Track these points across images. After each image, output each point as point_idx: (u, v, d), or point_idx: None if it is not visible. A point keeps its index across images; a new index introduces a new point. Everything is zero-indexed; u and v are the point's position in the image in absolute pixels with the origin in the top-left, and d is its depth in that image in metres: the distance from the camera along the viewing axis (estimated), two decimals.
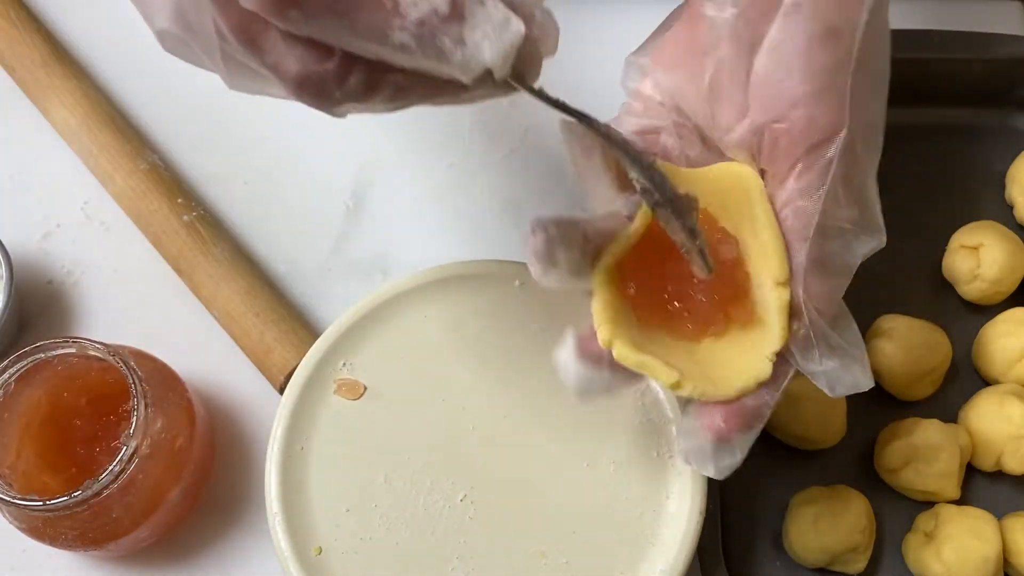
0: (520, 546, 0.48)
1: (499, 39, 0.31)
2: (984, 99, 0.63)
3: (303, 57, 0.31)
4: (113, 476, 0.48)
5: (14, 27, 0.63)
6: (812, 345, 0.40)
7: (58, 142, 0.62)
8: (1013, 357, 0.55)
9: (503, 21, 0.31)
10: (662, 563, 0.47)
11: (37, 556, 0.54)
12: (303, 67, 0.31)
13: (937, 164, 0.62)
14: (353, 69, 0.32)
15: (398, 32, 0.30)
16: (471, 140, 0.64)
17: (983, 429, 0.54)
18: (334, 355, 0.51)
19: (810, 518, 0.52)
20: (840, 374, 0.40)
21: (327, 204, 0.62)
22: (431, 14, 0.30)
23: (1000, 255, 0.56)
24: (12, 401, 0.50)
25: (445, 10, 0.30)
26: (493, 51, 0.31)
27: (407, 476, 0.49)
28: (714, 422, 0.40)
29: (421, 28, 0.30)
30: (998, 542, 0.51)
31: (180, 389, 0.53)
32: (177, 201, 0.59)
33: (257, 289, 0.57)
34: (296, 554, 0.47)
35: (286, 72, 0.32)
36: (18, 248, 0.59)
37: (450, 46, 0.31)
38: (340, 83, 0.32)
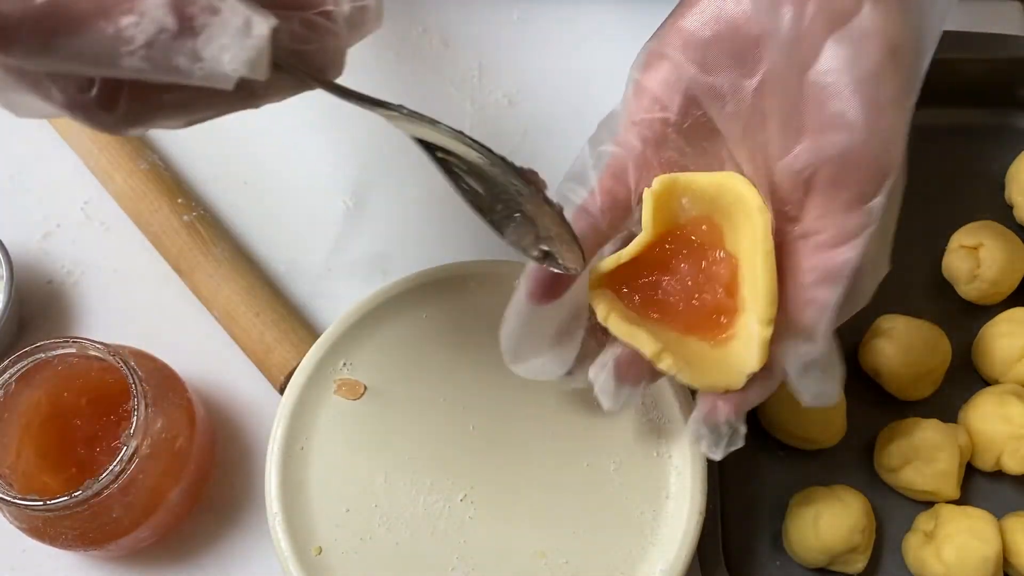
0: (520, 546, 0.48)
1: (241, 47, 0.29)
2: (984, 99, 0.63)
3: (64, 88, 0.30)
4: (113, 476, 0.48)
5: None
6: (816, 370, 0.42)
7: (58, 142, 0.62)
8: (1013, 357, 0.55)
9: (242, 27, 0.29)
10: (662, 563, 0.47)
11: (37, 556, 0.54)
12: (67, 97, 0.30)
13: (937, 164, 0.62)
14: (120, 94, 0.30)
15: (127, 57, 0.28)
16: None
17: (983, 429, 0.54)
18: (334, 355, 0.51)
19: (810, 518, 0.52)
20: (826, 393, 0.43)
21: (327, 204, 0.62)
22: (158, 33, 0.28)
23: (1000, 255, 0.56)
24: (12, 401, 0.50)
25: (173, 27, 0.28)
26: (236, 61, 0.29)
27: (407, 476, 0.49)
28: (722, 413, 0.43)
29: (151, 50, 0.28)
30: (998, 542, 0.51)
31: (180, 389, 0.53)
32: (177, 201, 0.59)
33: (257, 289, 0.57)
34: (296, 554, 0.47)
35: (55, 101, 0.30)
36: (18, 248, 0.59)
37: (187, 64, 0.29)
38: (109, 109, 0.30)
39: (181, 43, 0.28)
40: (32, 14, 0.27)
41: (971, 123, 0.63)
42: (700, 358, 0.42)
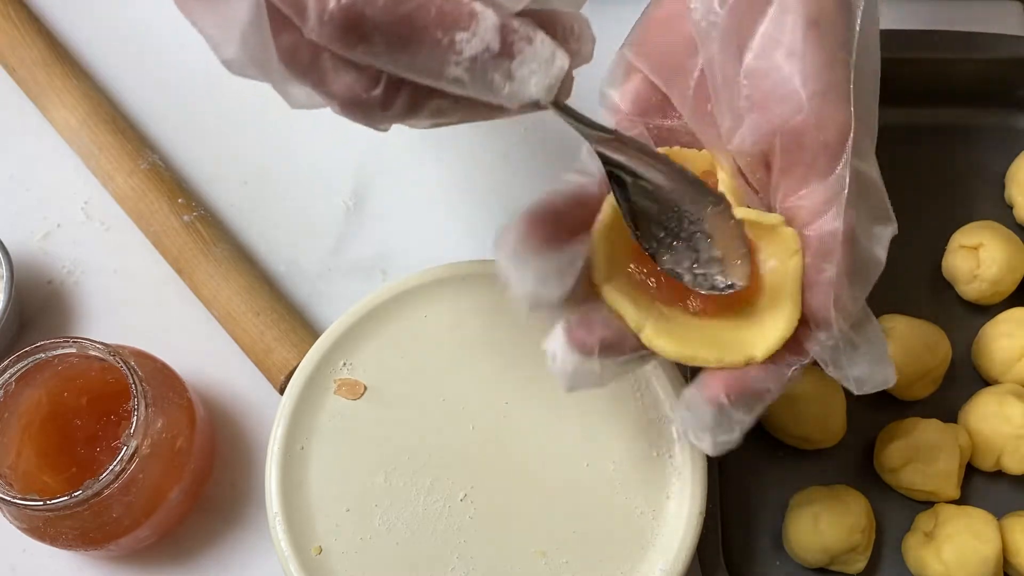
0: (520, 546, 0.48)
1: (546, 74, 0.34)
2: (984, 99, 0.63)
3: (352, 84, 0.34)
4: (113, 476, 0.48)
5: (14, 27, 0.63)
6: (840, 354, 0.40)
7: (58, 142, 0.62)
8: (1013, 357, 0.55)
9: (549, 57, 0.34)
10: (662, 563, 0.47)
11: (37, 556, 0.54)
12: (351, 93, 0.34)
13: (937, 164, 0.62)
14: (399, 94, 0.34)
15: (453, 67, 0.33)
16: (471, 140, 0.64)
17: (983, 429, 0.54)
18: (334, 355, 0.51)
19: (810, 518, 0.52)
20: (868, 375, 0.40)
21: (327, 204, 0.62)
22: (483, 51, 0.33)
23: (1000, 255, 0.56)
24: (12, 401, 0.50)
25: (496, 48, 0.33)
26: (539, 86, 0.34)
27: (407, 476, 0.49)
28: (715, 393, 0.39)
29: (474, 64, 0.33)
30: (998, 542, 0.51)
31: (180, 389, 0.53)
32: (177, 201, 0.59)
33: (257, 289, 0.57)
34: (296, 554, 0.47)
35: (335, 95, 0.34)
36: (18, 248, 0.59)
37: (499, 81, 0.33)
38: (385, 107, 0.34)
39: (499, 62, 0.33)
40: (389, 19, 0.32)
41: (971, 123, 0.63)
42: (706, 338, 0.40)
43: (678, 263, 0.40)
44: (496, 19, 0.33)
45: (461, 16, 0.32)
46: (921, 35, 0.61)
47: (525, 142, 0.64)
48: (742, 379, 0.39)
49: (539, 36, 0.34)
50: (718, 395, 0.39)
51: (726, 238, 0.40)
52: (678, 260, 0.40)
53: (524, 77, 0.34)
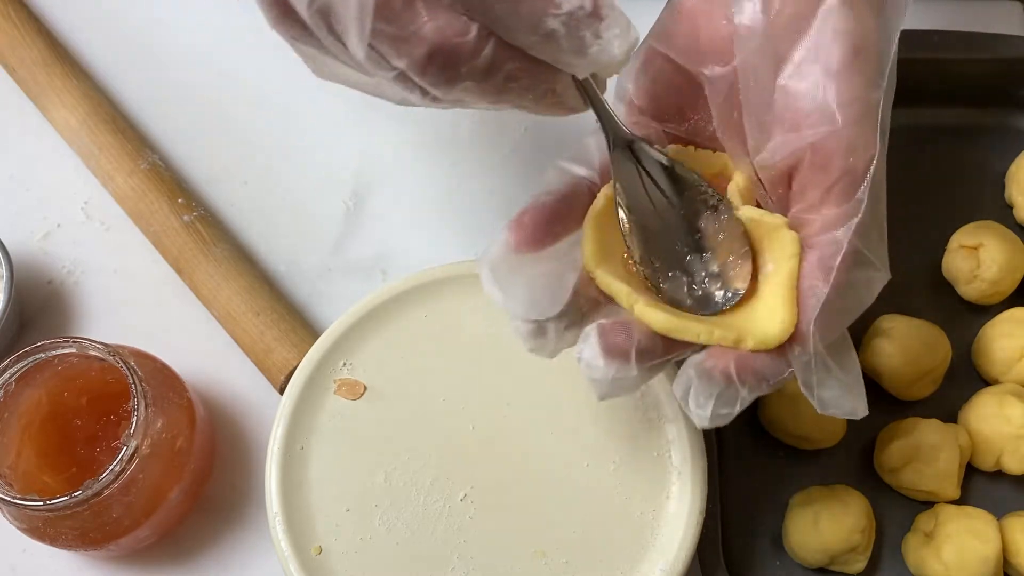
0: (520, 546, 0.48)
1: (626, 38, 0.37)
2: (984, 99, 0.62)
3: (445, 27, 0.35)
4: (113, 476, 0.48)
5: (14, 27, 0.63)
6: (811, 372, 0.39)
7: (58, 142, 0.62)
8: (1013, 357, 0.55)
9: (628, 24, 0.37)
10: (662, 563, 0.47)
11: (37, 556, 0.54)
12: (442, 37, 0.35)
13: (937, 164, 0.62)
14: (486, 45, 0.36)
15: (551, 19, 0.35)
16: (471, 140, 0.64)
17: (983, 429, 0.54)
18: (334, 355, 0.51)
19: (810, 518, 0.52)
20: (837, 401, 0.40)
21: (327, 204, 0.62)
22: (579, 8, 0.35)
23: (1000, 255, 0.56)
24: (12, 401, 0.50)
25: (589, 7, 0.36)
26: (622, 48, 0.37)
27: (407, 476, 0.49)
28: (725, 364, 0.39)
29: (570, 19, 0.35)
30: (998, 542, 0.51)
31: (180, 389, 0.53)
32: (177, 201, 0.59)
33: (257, 289, 0.57)
34: (296, 554, 0.47)
35: (424, 39, 0.35)
36: (18, 248, 0.59)
37: (589, 39, 0.36)
38: (472, 57, 0.36)
39: (591, 22, 0.36)
40: None
41: (971, 123, 0.63)
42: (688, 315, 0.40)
43: (677, 290, 0.41)
44: None
45: None
46: (921, 35, 0.60)
47: (525, 143, 0.64)
48: (750, 360, 0.39)
49: (618, 7, 0.36)
50: (728, 367, 0.39)
51: (726, 238, 0.40)
52: (675, 288, 0.41)
53: (610, 39, 0.36)
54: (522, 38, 0.36)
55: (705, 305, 0.40)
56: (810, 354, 0.39)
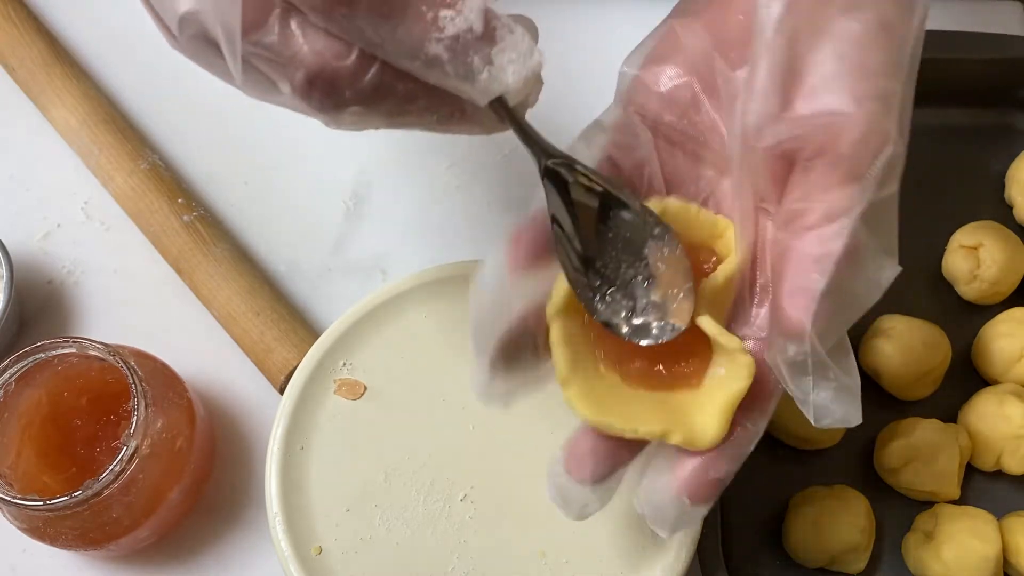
0: (520, 546, 0.48)
1: (523, 65, 0.33)
2: (984, 99, 0.63)
3: (323, 51, 0.32)
4: (113, 476, 0.48)
5: (14, 27, 0.63)
6: (807, 373, 0.37)
7: (58, 142, 0.62)
8: (1013, 357, 0.55)
9: (528, 50, 0.33)
10: (662, 563, 0.47)
11: (37, 556, 0.54)
12: (321, 61, 0.32)
13: (937, 164, 0.62)
14: (369, 69, 0.33)
15: (434, 44, 0.32)
16: (471, 140, 0.64)
17: (983, 429, 0.54)
18: (334, 355, 0.51)
19: (810, 518, 0.52)
20: (830, 406, 0.38)
21: (327, 204, 0.62)
22: (466, 31, 0.32)
23: (1000, 255, 0.56)
24: (12, 401, 0.50)
25: (479, 30, 0.32)
26: (516, 76, 0.33)
27: (407, 476, 0.49)
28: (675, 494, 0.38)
29: (455, 43, 0.32)
30: (998, 542, 0.51)
31: (180, 389, 0.53)
32: (177, 201, 0.59)
33: (257, 289, 0.57)
34: (296, 554, 0.47)
35: (302, 64, 0.32)
36: (18, 248, 0.59)
37: (478, 64, 0.33)
38: (354, 81, 0.33)
39: (480, 45, 0.32)
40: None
41: (971, 123, 0.63)
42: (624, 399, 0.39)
43: (614, 314, 0.37)
44: (481, 3, 0.32)
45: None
46: None
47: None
48: (700, 474, 0.38)
49: (519, 29, 0.33)
50: (680, 495, 0.38)
51: (668, 271, 0.38)
52: (614, 311, 0.37)
53: (503, 65, 0.33)
54: (404, 64, 0.33)
55: (642, 334, 0.37)
56: (806, 354, 0.36)
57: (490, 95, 0.33)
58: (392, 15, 0.31)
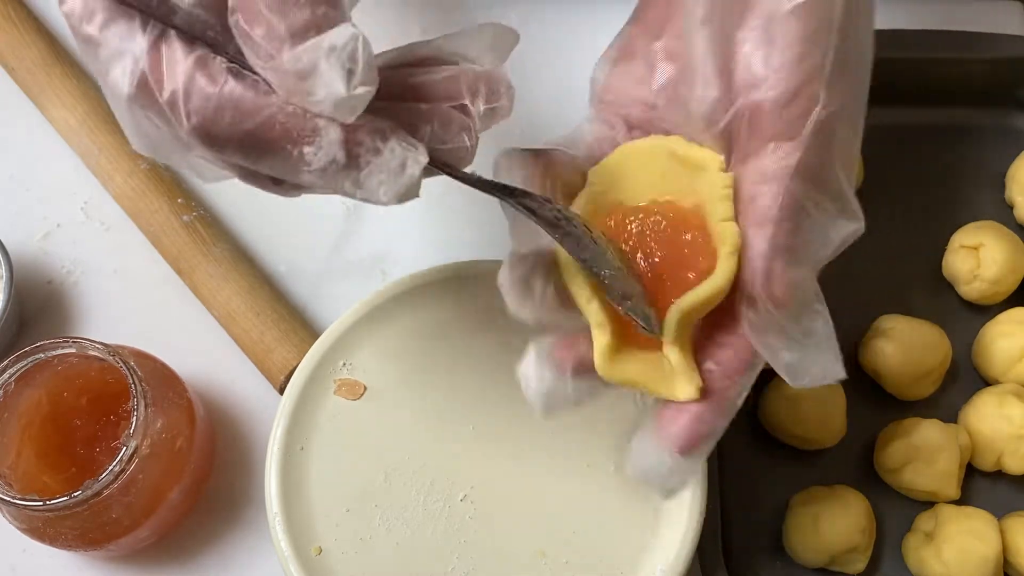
0: (520, 546, 0.48)
1: (394, 183, 0.35)
2: (984, 99, 0.62)
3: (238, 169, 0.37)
4: (113, 476, 0.48)
5: (14, 27, 0.63)
6: (770, 335, 0.37)
7: (58, 142, 0.62)
8: (1013, 357, 0.55)
9: (398, 168, 0.34)
10: (662, 563, 0.47)
11: (37, 556, 0.54)
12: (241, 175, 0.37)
13: (937, 164, 0.62)
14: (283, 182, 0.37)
15: (306, 175, 0.34)
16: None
17: (983, 429, 0.54)
18: (334, 355, 0.51)
19: (810, 518, 0.52)
20: (804, 365, 0.38)
21: (327, 204, 0.62)
22: (330, 163, 0.34)
23: (1000, 255, 0.56)
24: (12, 401, 0.50)
25: (342, 160, 0.34)
26: (388, 194, 0.35)
27: (407, 476, 0.49)
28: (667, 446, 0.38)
29: (324, 174, 0.34)
30: (998, 542, 0.51)
31: (180, 389, 0.53)
32: (177, 201, 0.59)
33: (257, 289, 0.57)
34: (296, 554, 0.47)
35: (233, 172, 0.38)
36: (18, 248, 0.59)
37: (350, 188, 0.34)
38: (276, 184, 0.37)
39: (347, 173, 0.34)
40: (237, 135, 0.33)
41: (971, 123, 0.63)
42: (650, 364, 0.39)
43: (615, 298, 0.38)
44: (339, 134, 0.33)
45: (304, 131, 0.33)
46: (921, 35, 0.61)
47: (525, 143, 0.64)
48: (692, 426, 0.38)
49: (389, 146, 0.34)
50: (667, 448, 0.38)
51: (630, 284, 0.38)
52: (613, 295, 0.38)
53: (373, 187, 0.34)
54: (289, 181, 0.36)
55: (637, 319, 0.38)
56: (763, 318, 0.37)
57: (375, 203, 0.35)
58: (263, 156, 0.34)
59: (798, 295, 0.37)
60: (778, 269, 0.37)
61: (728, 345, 0.39)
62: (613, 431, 0.50)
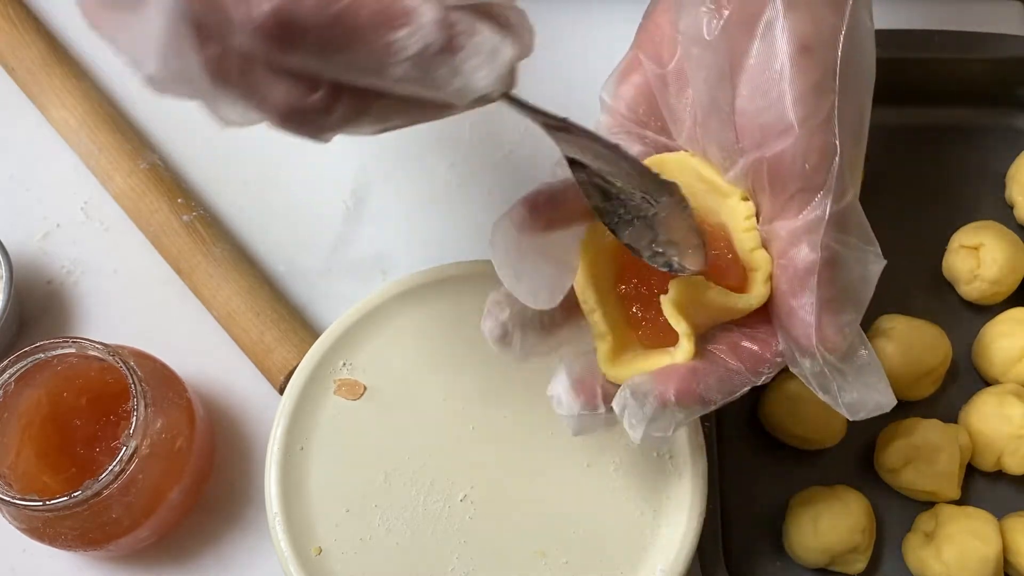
0: (520, 546, 0.48)
1: (492, 67, 0.32)
2: (984, 99, 0.63)
3: (289, 91, 0.31)
4: (113, 476, 0.48)
5: (14, 27, 0.63)
6: (829, 381, 0.39)
7: (58, 142, 0.62)
8: (1013, 357, 0.55)
9: (494, 48, 0.32)
10: (662, 563, 0.47)
11: (37, 556, 0.54)
12: (289, 101, 0.31)
13: (937, 164, 0.62)
14: (341, 97, 0.32)
15: (395, 67, 0.31)
16: (471, 140, 0.64)
17: (983, 429, 0.54)
18: (334, 355, 0.51)
19: (810, 518, 0.52)
20: (859, 401, 0.40)
21: (327, 204, 0.62)
22: (425, 49, 0.31)
23: (1000, 255, 0.56)
24: (12, 401, 0.50)
25: (438, 44, 0.31)
26: (488, 79, 0.32)
27: (407, 476, 0.49)
28: (664, 389, 0.39)
29: (417, 62, 0.31)
30: (998, 542, 0.51)
31: (180, 389, 0.53)
32: (177, 201, 0.59)
33: (257, 289, 0.57)
34: (296, 554, 0.47)
35: (271, 107, 0.32)
36: (18, 248, 0.59)
37: (446, 77, 0.31)
38: (327, 113, 0.32)
39: (444, 58, 0.31)
40: (322, 21, 0.29)
41: (971, 123, 0.63)
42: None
43: (638, 239, 0.39)
44: (435, 14, 0.31)
45: (396, 14, 0.30)
46: (921, 35, 0.61)
47: (525, 142, 0.64)
48: (693, 385, 0.39)
49: (482, 28, 0.32)
50: (667, 392, 0.39)
51: (680, 229, 0.40)
52: (638, 236, 0.39)
53: (471, 71, 0.32)
54: (374, 87, 0.32)
55: (661, 262, 0.40)
56: (821, 365, 0.39)
57: (466, 100, 0.33)
58: (345, 47, 0.30)
59: (848, 338, 0.39)
60: (827, 320, 0.38)
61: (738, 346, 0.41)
62: (613, 431, 0.50)
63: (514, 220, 0.40)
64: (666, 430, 0.39)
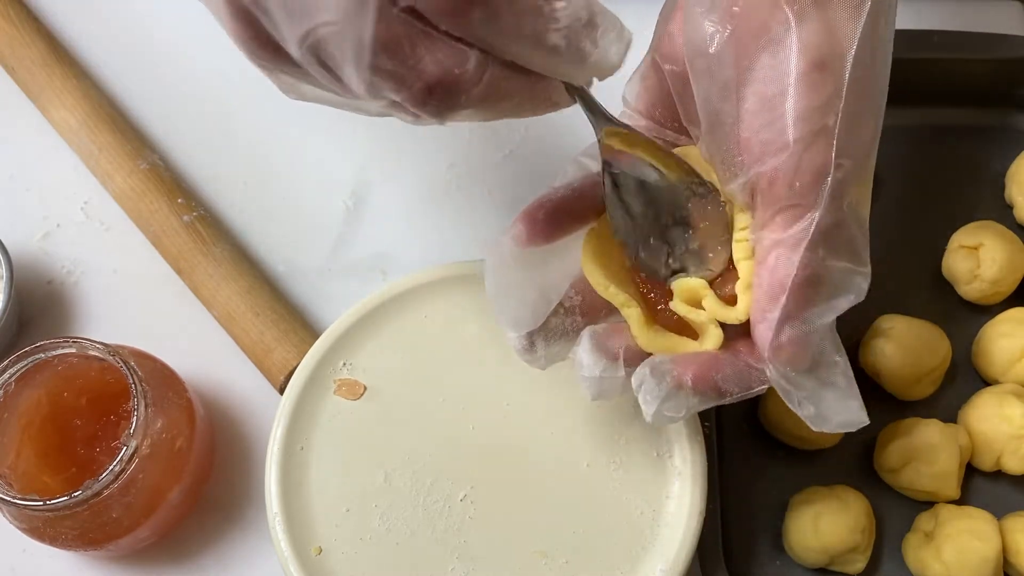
0: (520, 546, 0.48)
1: (621, 42, 0.36)
2: (984, 99, 0.62)
3: (445, 60, 0.34)
4: (113, 476, 0.48)
5: (14, 27, 0.63)
6: (790, 392, 0.40)
7: (58, 142, 0.62)
8: (1013, 357, 0.55)
9: (621, 27, 0.36)
10: (662, 563, 0.47)
11: (37, 556, 0.54)
12: (442, 70, 0.34)
13: (937, 164, 0.62)
14: (484, 72, 0.35)
15: (553, 35, 0.34)
16: (471, 140, 0.64)
17: (983, 429, 0.54)
18: (334, 355, 0.51)
19: (810, 518, 0.52)
20: (826, 415, 0.41)
21: (327, 204, 0.62)
22: (576, 20, 0.34)
23: (1000, 255, 0.56)
24: (12, 401, 0.50)
25: (585, 17, 0.35)
26: (619, 52, 0.36)
27: (407, 476, 0.49)
28: (682, 373, 0.40)
29: (569, 32, 0.35)
30: (998, 542, 0.51)
31: (180, 389, 0.53)
32: (177, 201, 0.59)
33: (257, 289, 0.57)
34: (296, 554, 0.47)
35: (423, 74, 0.34)
36: (18, 248, 0.59)
37: (589, 48, 0.35)
38: (471, 86, 0.35)
39: (588, 31, 0.35)
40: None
41: (971, 123, 0.63)
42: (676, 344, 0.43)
43: (653, 260, 0.42)
44: None
45: None
46: (921, 35, 0.60)
47: (525, 143, 0.64)
48: (711, 373, 0.40)
49: (610, 11, 0.36)
50: (683, 376, 0.40)
51: (710, 223, 0.42)
52: (653, 257, 0.42)
53: (607, 45, 0.35)
54: (524, 57, 0.35)
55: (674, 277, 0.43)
56: (781, 377, 0.40)
57: (597, 73, 0.36)
58: (514, 12, 0.34)
59: (812, 353, 0.40)
60: (786, 336, 0.39)
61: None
62: (613, 431, 0.50)
63: (515, 237, 0.42)
64: (678, 411, 0.40)
